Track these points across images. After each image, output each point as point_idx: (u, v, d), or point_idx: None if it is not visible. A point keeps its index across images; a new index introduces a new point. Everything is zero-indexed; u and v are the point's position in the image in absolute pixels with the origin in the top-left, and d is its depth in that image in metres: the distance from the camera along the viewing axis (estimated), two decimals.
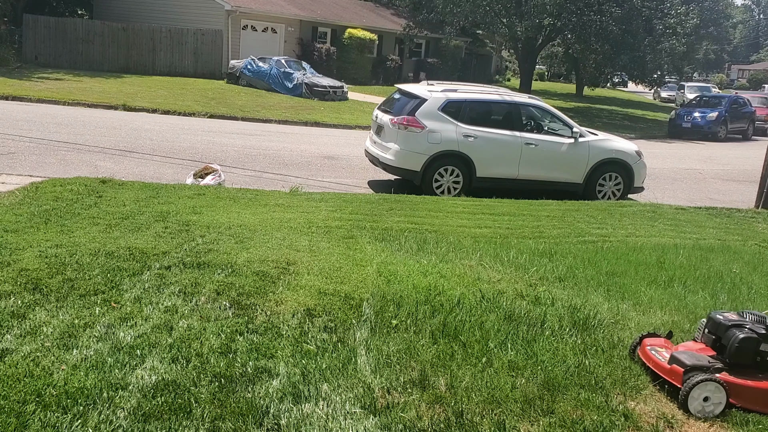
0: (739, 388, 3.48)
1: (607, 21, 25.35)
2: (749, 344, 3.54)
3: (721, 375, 3.49)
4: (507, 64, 49.50)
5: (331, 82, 24.20)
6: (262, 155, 12.37)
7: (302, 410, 3.01)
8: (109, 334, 3.64)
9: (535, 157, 10.41)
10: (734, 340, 3.56)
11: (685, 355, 3.61)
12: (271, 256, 5.34)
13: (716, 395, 3.40)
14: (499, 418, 3.08)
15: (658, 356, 3.73)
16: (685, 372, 3.49)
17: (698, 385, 3.39)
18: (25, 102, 16.70)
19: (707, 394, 3.40)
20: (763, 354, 3.57)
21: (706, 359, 3.58)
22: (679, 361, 3.57)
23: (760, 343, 3.57)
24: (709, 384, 3.40)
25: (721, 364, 3.56)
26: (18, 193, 7.27)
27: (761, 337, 3.56)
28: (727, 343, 3.58)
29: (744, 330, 3.59)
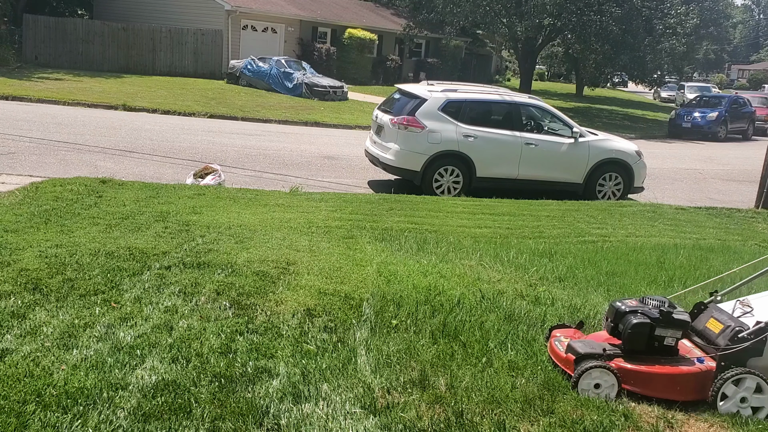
0: (633, 374, 3.42)
1: (607, 21, 25.34)
2: (642, 329, 3.47)
3: (614, 361, 3.43)
4: (507, 64, 49.49)
5: (331, 82, 24.21)
6: (262, 155, 12.37)
7: (302, 410, 3.01)
8: (109, 334, 3.64)
9: (535, 157, 10.41)
10: (627, 326, 3.50)
11: (579, 343, 3.56)
12: (271, 256, 5.34)
13: (606, 381, 3.35)
14: (499, 418, 3.08)
15: (559, 347, 3.67)
16: (576, 360, 3.44)
17: (586, 372, 3.35)
18: (25, 102, 16.70)
19: (598, 381, 3.36)
20: (660, 338, 3.50)
21: (602, 347, 3.52)
22: (573, 349, 3.52)
23: (654, 328, 3.50)
24: (596, 371, 3.35)
25: (618, 351, 3.50)
26: (18, 193, 7.27)
27: (655, 321, 3.50)
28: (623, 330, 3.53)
29: (638, 315, 3.52)
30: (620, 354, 3.50)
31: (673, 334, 3.52)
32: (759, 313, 3.61)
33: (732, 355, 3.45)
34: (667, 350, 3.54)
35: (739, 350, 3.44)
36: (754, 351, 3.46)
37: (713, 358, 3.51)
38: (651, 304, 3.59)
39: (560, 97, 36.98)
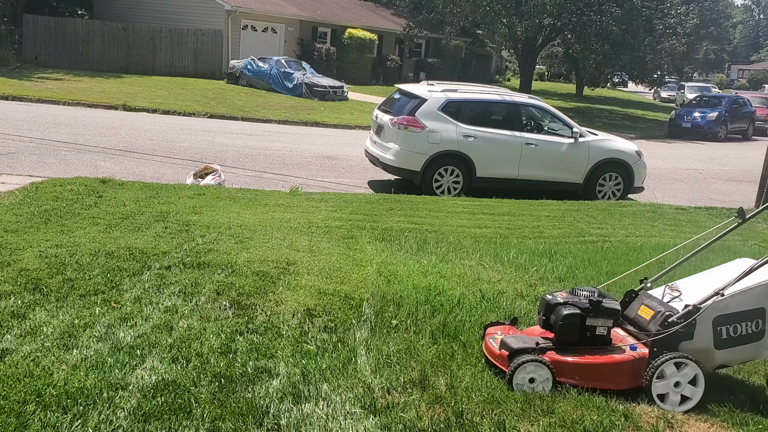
0: (567, 366, 3.40)
1: (607, 21, 25.35)
2: (573, 320, 3.44)
3: (547, 355, 3.40)
4: (507, 64, 49.49)
5: (331, 82, 24.21)
6: (262, 155, 12.37)
7: (302, 410, 3.01)
8: (109, 334, 3.64)
9: (535, 157, 10.42)
10: (558, 318, 3.47)
11: (512, 338, 3.53)
12: (271, 256, 5.34)
13: (541, 376, 3.33)
14: (499, 418, 3.08)
15: (494, 344, 3.62)
16: (509, 356, 3.41)
17: (521, 367, 3.32)
18: (25, 102, 16.70)
19: (532, 375, 3.33)
20: (591, 328, 3.47)
21: (534, 341, 3.49)
22: (506, 345, 3.48)
23: (584, 318, 3.47)
24: (530, 365, 3.32)
25: (552, 344, 3.47)
26: (18, 193, 7.27)
27: (585, 312, 3.47)
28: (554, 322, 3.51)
29: (568, 306, 3.49)
30: (553, 347, 3.46)
31: (604, 323, 3.48)
32: (687, 297, 3.60)
33: (664, 340, 3.43)
34: (599, 340, 3.50)
35: (670, 335, 3.42)
36: (685, 335, 3.46)
37: (645, 345, 3.49)
38: (581, 295, 3.56)
39: (560, 97, 36.99)
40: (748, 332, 3.54)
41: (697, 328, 3.47)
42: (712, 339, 3.50)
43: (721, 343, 3.52)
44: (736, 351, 3.57)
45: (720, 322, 3.49)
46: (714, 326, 3.49)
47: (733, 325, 3.51)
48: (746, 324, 3.52)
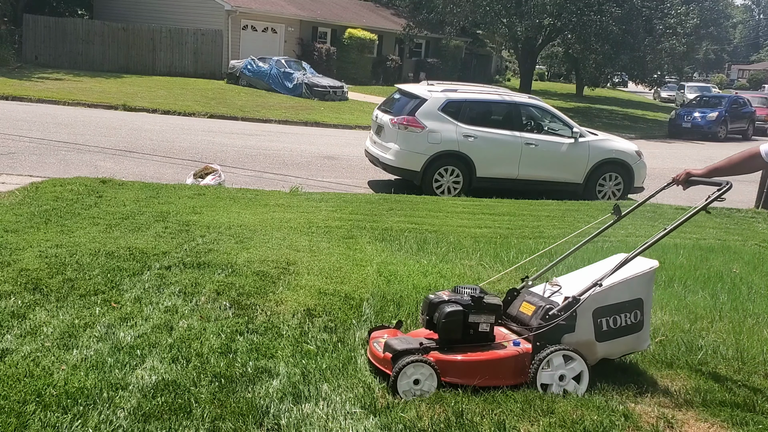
0: (451, 365, 3.34)
1: (607, 21, 25.36)
2: (455, 317, 3.38)
3: (431, 354, 3.33)
4: (507, 64, 49.50)
5: (331, 82, 24.22)
6: (262, 155, 12.38)
7: (302, 410, 3.01)
8: (109, 334, 3.64)
9: (535, 157, 10.42)
10: (440, 316, 3.42)
11: (396, 340, 3.44)
12: (271, 256, 5.34)
13: (424, 375, 3.25)
14: (499, 418, 3.08)
15: (378, 348, 3.50)
16: (393, 358, 3.31)
17: (405, 368, 3.23)
18: (25, 102, 16.71)
19: (416, 376, 3.24)
20: (474, 325, 3.43)
21: (418, 341, 3.42)
22: (390, 347, 3.38)
23: (467, 315, 3.42)
24: (412, 366, 3.23)
25: (435, 344, 3.41)
26: (18, 193, 7.27)
27: (467, 308, 3.41)
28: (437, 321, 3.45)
29: (450, 304, 3.44)
30: (437, 346, 3.41)
31: (486, 319, 3.44)
32: (567, 290, 3.58)
33: (546, 334, 3.40)
34: (483, 337, 3.46)
35: (551, 328, 3.39)
36: (567, 328, 3.43)
37: (528, 340, 3.46)
38: (464, 293, 3.52)
39: (560, 97, 37.00)
40: (628, 323, 3.55)
41: (578, 321, 3.44)
42: (593, 331, 3.48)
43: (602, 335, 3.51)
44: (617, 343, 3.57)
45: (600, 314, 3.48)
46: (594, 318, 3.47)
47: (613, 316, 3.51)
48: (625, 315, 3.53)
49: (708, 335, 4.47)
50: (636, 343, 3.64)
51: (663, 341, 4.28)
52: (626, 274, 3.53)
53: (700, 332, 4.51)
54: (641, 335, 3.63)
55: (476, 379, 3.33)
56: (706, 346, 4.23)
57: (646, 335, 3.67)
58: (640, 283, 3.57)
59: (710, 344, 4.27)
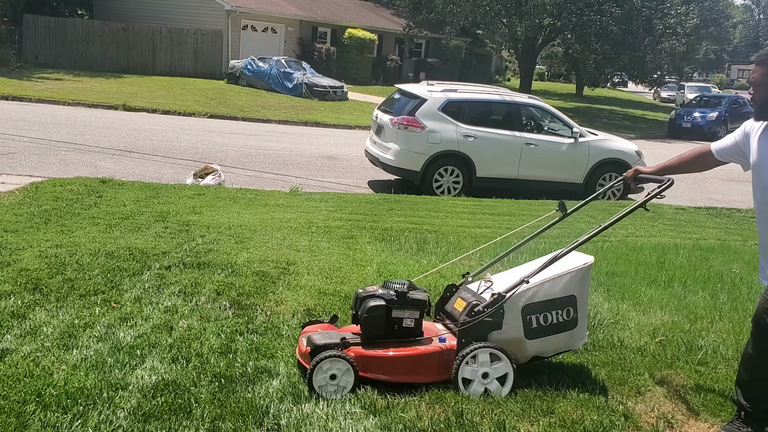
0: (372, 360, 3.28)
1: (607, 21, 25.37)
2: (378, 312, 3.33)
3: (352, 349, 3.28)
4: (507, 64, 49.50)
5: (331, 82, 24.21)
6: (262, 155, 12.38)
7: (302, 410, 3.01)
8: (109, 334, 3.64)
9: (535, 157, 10.42)
10: (363, 311, 3.37)
11: (318, 335, 3.38)
12: (271, 256, 5.34)
13: (341, 370, 3.19)
14: (499, 419, 3.08)
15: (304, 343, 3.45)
16: (311, 352, 3.27)
17: (321, 363, 3.18)
18: (25, 102, 16.71)
19: (332, 371, 3.19)
20: (398, 320, 3.37)
21: (342, 336, 3.36)
22: (311, 341, 3.33)
23: (390, 310, 3.36)
24: (328, 361, 3.19)
25: (359, 339, 3.36)
26: (18, 193, 7.27)
27: (390, 303, 3.36)
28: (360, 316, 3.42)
29: (373, 299, 3.39)
30: (361, 342, 3.35)
31: (410, 315, 3.38)
32: (497, 287, 3.49)
33: (471, 331, 3.33)
34: (408, 332, 3.40)
35: (477, 324, 3.32)
36: (493, 324, 3.35)
37: (455, 336, 3.40)
38: (391, 288, 3.46)
39: (560, 97, 37.00)
40: (560, 321, 3.43)
41: (506, 318, 3.36)
42: (522, 328, 3.38)
43: (531, 332, 3.40)
44: (548, 341, 3.46)
45: (529, 310, 3.38)
46: (523, 315, 3.38)
47: (543, 313, 3.40)
48: (556, 312, 3.42)
49: (708, 335, 4.47)
50: (570, 341, 3.52)
51: (663, 341, 4.28)
52: (558, 271, 3.43)
53: (700, 332, 4.51)
54: (575, 333, 3.50)
55: (398, 374, 3.28)
56: (706, 346, 4.23)
57: (581, 333, 3.55)
58: (573, 280, 3.45)
59: (710, 344, 4.27)
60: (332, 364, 3.19)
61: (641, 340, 4.28)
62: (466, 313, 3.38)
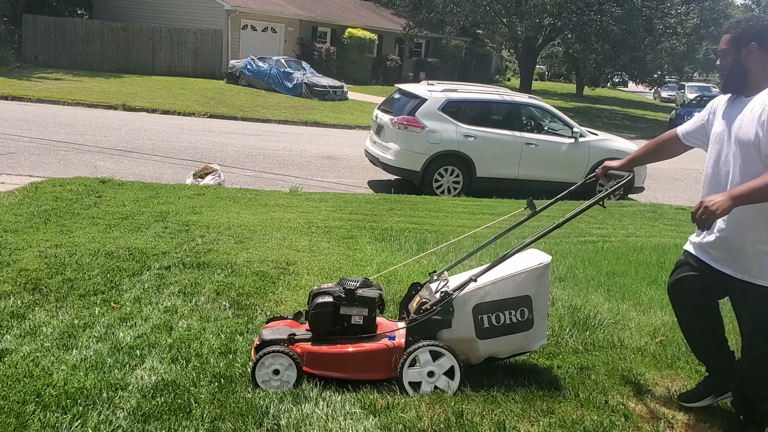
0: (317, 357, 3.27)
1: (608, 21, 25.37)
2: (325, 309, 3.33)
3: (299, 345, 3.28)
4: (507, 64, 49.51)
5: (331, 82, 24.21)
6: (262, 155, 12.37)
7: (302, 410, 3.01)
8: (109, 335, 3.63)
9: (535, 157, 10.42)
10: (311, 308, 3.38)
11: (269, 330, 3.39)
12: (271, 256, 5.34)
13: (283, 365, 3.19)
14: (499, 419, 3.07)
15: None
16: (257, 348, 3.29)
17: (263, 358, 3.19)
18: (24, 102, 16.70)
19: (276, 366, 3.19)
20: (347, 317, 3.35)
21: (290, 332, 3.35)
22: (260, 336, 3.35)
23: (338, 307, 3.34)
24: (271, 356, 3.19)
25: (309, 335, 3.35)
26: (18, 193, 7.27)
27: (338, 300, 3.34)
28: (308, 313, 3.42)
29: (322, 296, 3.38)
30: (310, 338, 3.34)
31: (359, 312, 3.35)
32: (451, 285, 3.43)
33: (419, 329, 3.28)
34: (358, 329, 3.37)
35: (425, 323, 3.28)
36: (442, 323, 3.29)
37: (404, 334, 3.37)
38: (344, 285, 3.43)
39: (560, 97, 36.99)
40: (513, 321, 3.34)
41: (455, 317, 3.30)
42: (474, 328, 3.31)
43: (483, 332, 3.32)
44: (501, 341, 3.37)
45: (481, 310, 3.31)
46: (474, 314, 3.30)
47: (495, 313, 3.31)
48: (510, 313, 3.32)
49: None
50: (525, 342, 3.42)
51: (663, 341, 4.28)
52: (512, 270, 3.35)
53: None
54: (531, 334, 3.39)
55: (344, 371, 3.27)
56: None
57: (538, 335, 3.41)
58: (528, 280, 3.35)
59: None
60: (274, 360, 3.19)
61: (641, 340, 4.27)
62: (414, 311, 3.37)
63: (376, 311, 3.44)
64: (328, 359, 3.28)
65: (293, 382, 3.21)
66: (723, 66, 3.04)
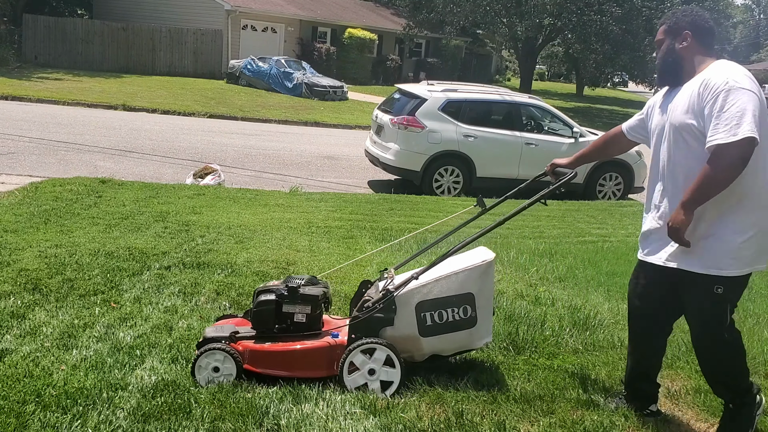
0: (259, 354, 3.27)
1: (608, 21, 25.36)
2: (267, 306, 3.32)
3: (241, 343, 3.28)
4: (507, 64, 49.50)
5: (331, 82, 24.21)
6: (262, 155, 12.37)
7: (302, 410, 3.01)
8: (109, 335, 3.63)
9: (535, 157, 10.41)
10: (253, 305, 3.38)
11: (212, 328, 3.41)
12: (271, 256, 5.34)
13: (225, 364, 3.20)
14: (499, 419, 3.07)
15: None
16: (198, 345, 3.30)
17: (203, 355, 3.20)
18: (24, 102, 16.70)
19: (215, 363, 3.20)
20: (290, 315, 3.35)
21: (234, 329, 3.36)
22: (204, 334, 3.36)
23: (280, 305, 3.34)
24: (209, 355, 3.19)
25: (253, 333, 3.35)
26: (18, 193, 7.27)
27: (281, 298, 3.33)
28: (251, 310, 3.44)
29: (265, 293, 3.38)
30: (254, 336, 3.34)
31: (301, 310, 3.35)
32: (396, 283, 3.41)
33: (361, 327, 3.27)
34: (301, 327, 3.37)
35: (368, 320, 3.27)
36: (385, 321, 3.29)
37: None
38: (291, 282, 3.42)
39: (560, 97, 36.99)
40: (456, 319, 3.32)
41: (398, 314, 3.29)
42: (416, 325, 3.31)
43: (426, 330, 3.31)
44: (445, 339, 3.36)
45: (423, 307, 3.30)
46: (417, 312, 3.30)
47: (438, 311, 3.30)
48: (452, 310, 3.31)
49: None
50: (469, 340, 3.40)
51: None
52: (455, 268, 3.34)
53: None
54: (474, 332, 3.36)
55: (286, 369, 3.26)
56: None
57: (482, 332, 3.39)
58: (470, 277, 3.32)
59: None
60: (213, 357, 3.20)
61: None
62: (357, 309, 3.37)
63: (320, 309, 3.43)
64: (269, 357, 3.28)
65: (234, 375, 3.20)
66: (659, 57, 3.03)
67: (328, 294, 3.49)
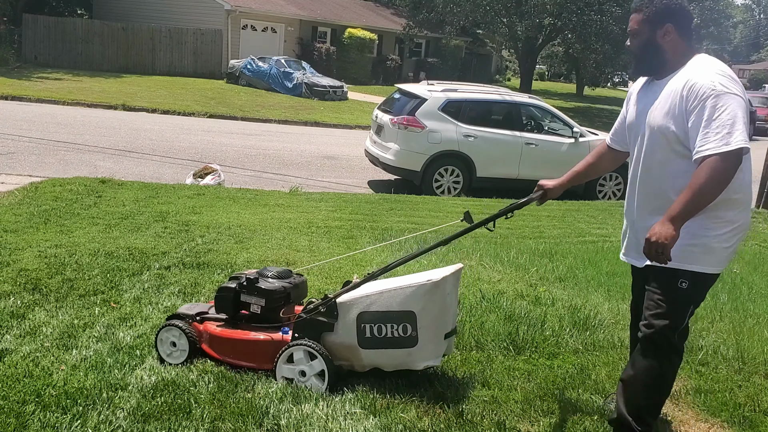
0: (215, 338, 3.39)
1: (608, 20, 25.34)
2: (226, 293, 3.43)
3: (204, 324, 3.43)
4: (507, 64, 49.49)
5: (331, 81, 24.20)
6: (261, 155, 12.37)
7: (302, 410, 3.01)
8: (109, 335, 3.63)
9: (535, 157, 10.41)
10: (217, 290, 3.51)
11: (187, 306, 3.61)
12: (271, 256, 5.34)
13: (180, 341, 3.37)
14: (499, 419, 3.07)
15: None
16: (167, 319, 3.49)
17: (163, 329, 3.39)
18: (24, 102, 16.70)
19: (173, 339, 3.38)
20: (246, 305, 3.43)
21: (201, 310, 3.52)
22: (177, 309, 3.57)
23: (239, 294, 3.43)
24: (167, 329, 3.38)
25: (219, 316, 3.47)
26: (17, 193, 7.27)
27: (240, 288, 3.42)
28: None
29: (230, 281, 3.50)
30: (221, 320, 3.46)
31: (257, 301, 3.41)
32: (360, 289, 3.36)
33: (304, 327, 3.28)
34: (258, 318, 3.43)
35: (310, 322, 3.27)
36: (326, 326, 3.26)
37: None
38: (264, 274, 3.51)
39: (560, 96, 36.98)
40: (394, 336, 3.20)
41: (339, 322, 3.25)
42: (356, 335, 3.25)
43: (365, 341, 3.24)
44: (383, 354, 3.24)
45: (364, 319, 3.23)
46: (358, 322, 3.23)
47: (378, 324, 3.22)
48: (391, 326, 3.19)
49: (708, 335, 4.46)
50: (408, 359, 3.25)
51: None
52: (401, 283, 3.27)
53: (700, 332, 4.50)
54: (414, 352, 3.21)
55: (231, 355, 3.37)
56: (707, 346, 4.22)
57: (423, 354, 3.22)
58: (414, 296, 3.17)
59: (710, 344, 4.26)
60: (170, 333, 3.39)
61: None
62: (302, 309, 3.41)
63: (278, 303, 3.46)
64: (220, 342, 3.40)
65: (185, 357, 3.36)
66: (634, 47, 2.85)
67: (296, 288, 3.53)
